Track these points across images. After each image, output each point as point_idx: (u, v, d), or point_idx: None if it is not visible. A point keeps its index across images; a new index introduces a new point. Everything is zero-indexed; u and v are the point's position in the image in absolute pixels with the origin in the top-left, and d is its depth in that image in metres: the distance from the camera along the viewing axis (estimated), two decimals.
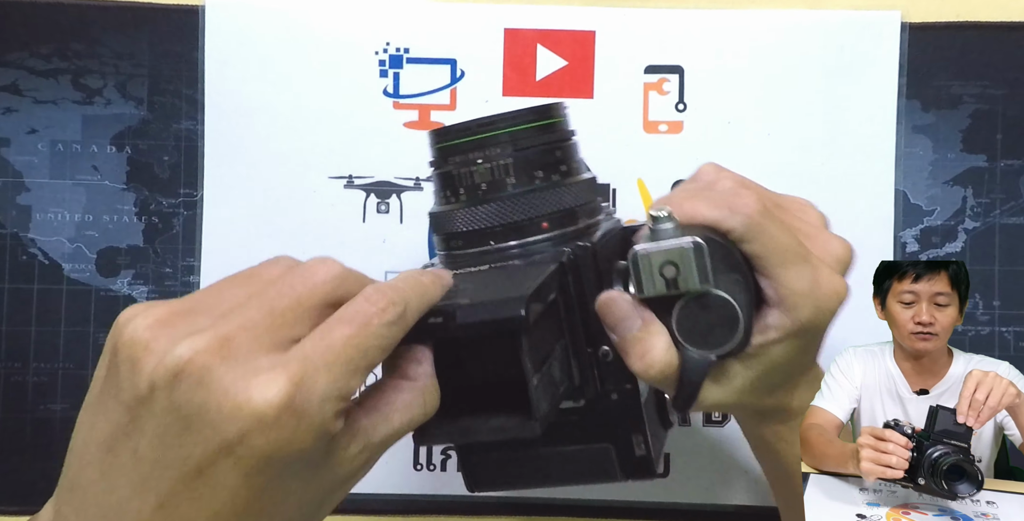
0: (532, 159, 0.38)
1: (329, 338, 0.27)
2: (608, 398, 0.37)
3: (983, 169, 0.56)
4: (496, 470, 0.40)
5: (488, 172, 0.37)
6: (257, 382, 0.25)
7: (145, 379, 0.26)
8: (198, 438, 0.25)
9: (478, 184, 0.37)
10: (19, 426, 0.55)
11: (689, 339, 0.35)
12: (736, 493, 0.56)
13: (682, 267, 0.33)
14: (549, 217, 0.38)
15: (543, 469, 0.39)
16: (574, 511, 0.56)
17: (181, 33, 0.56)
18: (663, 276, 0.34)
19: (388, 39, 0.56)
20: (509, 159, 0.37)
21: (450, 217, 0.38)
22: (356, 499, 0.56)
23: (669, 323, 0.35)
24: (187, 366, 0.25)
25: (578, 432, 0.38)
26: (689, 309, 0.34)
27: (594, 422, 0.38)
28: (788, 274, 0.35)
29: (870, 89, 0.56)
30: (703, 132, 0.56)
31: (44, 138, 0.56)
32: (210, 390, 0.25)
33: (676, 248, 0.33)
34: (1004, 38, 0.56)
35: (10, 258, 0.56)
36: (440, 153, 0.39)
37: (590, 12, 0.56)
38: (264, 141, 0.56)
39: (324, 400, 0.26)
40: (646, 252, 0.34)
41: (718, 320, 0.34)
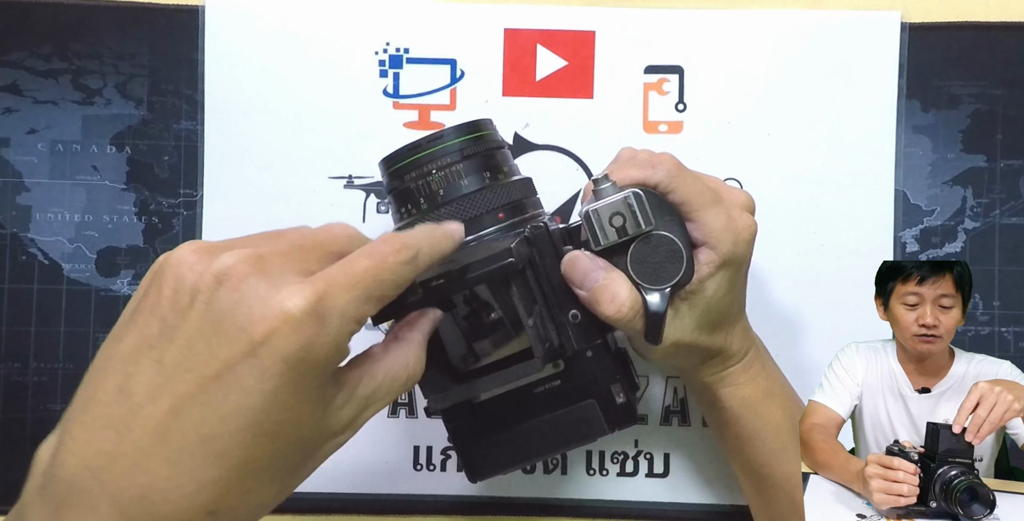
0: (478, 163, 0.43)
1: (350, 266, 0.30)
2: (584, 356, 0.43)
3: (983, 169, 0.56)
4: (493, 455, 0.44)
5: (443, 178, 0.43)
6: (287, 291, 0.29)
7: (188, 287, 0.29)
8: (225, 340, 0.28)
9: (436, 191, 0.43)
10: (19, 426, 0.55)
11: (645, 278, 0.41)
12: (736, 493, 0.56)
13: (627, 214, 0.41)
14: (503, 208, 0.43)
15: (536, 442, 0.44)
16: (574, 511, 0.56)
17: (181, 33, 0.56)
18: (613, 226, 0.41)
19: (388, 39, 0.56)
20: (460, 165, 0.43)
21: (415, 226, 0.41)
22: (356, 499, 0.56)
23: (626, 269, 0.41)
24: (229, 271, 0.29)
25: (562, 397, 0.43)
26: (640, 252, 0.41)
27: (575, 383, 0.43)
28: (707, 215, 0.42)
29: (870, 89, 0.56)
30: (703, 132, 0.56)
31: (44, 138, 0.56)
32: (244, 294, 0.28)
33: (620, 199, 0.41)
34: (1004, 38, 0.56)
35: (10, 258, 0.56)
36: (397, 173, 0.44)
37: (590, 12, 0.56)
38: (264, 141, 0.56)
39: (343, 315, 0.29)
40: (595, 209, 0.41)
41: (665, 257, 0.41)
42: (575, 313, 0.43)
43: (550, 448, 0.44)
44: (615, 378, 0.43)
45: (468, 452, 0.44)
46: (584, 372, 0.43)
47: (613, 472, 0.56)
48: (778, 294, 0.53)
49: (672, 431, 0.56)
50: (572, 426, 0.44)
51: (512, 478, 0.56)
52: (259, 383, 0.28)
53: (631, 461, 0.56)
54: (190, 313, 0.29)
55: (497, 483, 0.56)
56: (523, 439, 0.44)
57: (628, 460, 0.56)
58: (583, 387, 0.43)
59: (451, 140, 0.43)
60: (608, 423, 0.44)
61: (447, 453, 0.56)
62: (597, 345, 0.43)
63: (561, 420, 0.44)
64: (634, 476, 0.56)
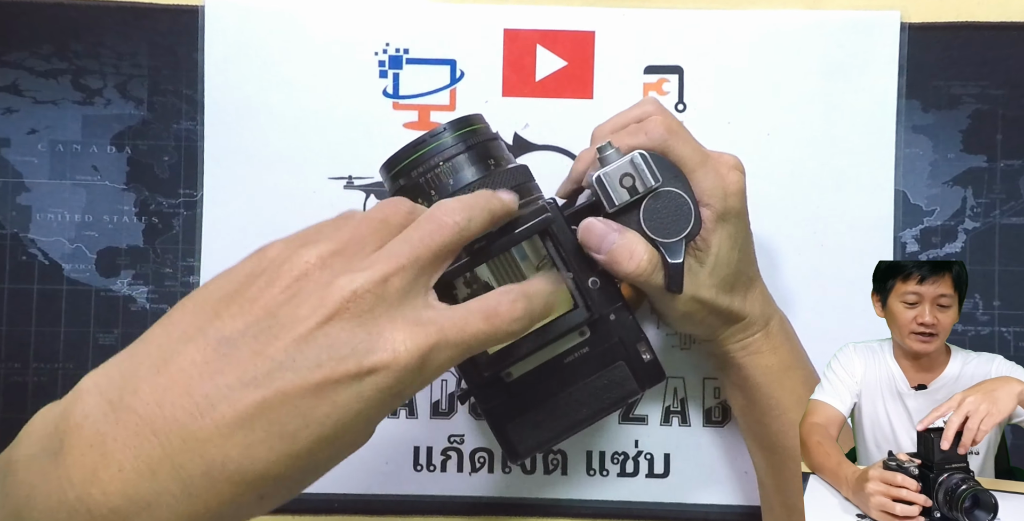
0: (480, 152, 0.45)
1: (465, 323, 0.33)
2: (607, 320, 0.45)
3: (983, 169, 0.56)
4: (531, 432, 0.46)
5: (451, 169, 0.44)
6: (404, 333, 0.31)
7: (310, 297, 0.30)
8: (336, 358, 0.30)
9: (446, 182, 0.44)
10: (19, 426, 0.55)
11: (659, 232, 0.44)
12: (736, 493, 0.56)
13: (636, 174, 0.44)
14: (512, 190, 0.44)
15: (572, 412, 0.46)
16: (574, 511, 0.56)
17: (181, 33, 0.56)
18: (624, 187, 0.44)
19: (388, 39, 0.56)
20: (464, 155, 0.45)
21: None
22: (356, 499, 0.56)
23: (639, 227, 0.44)
24: (355, 298, 0.31)
25: (592, 362, 0.46)
26: (651, 208, 0.44)
27: (602, 347, 0.46)
28: (697, 175, 0.45)
29: (870, 89, 0.56)
30: (703, 132, 0.56)
31: (44, 138, 0.56)
32: (367, 328, 0.30)
33: (627, 161, 0.44)
34: (1004, 38, 0.56)
35: (10, 258, 0.56)
36: (403, 171, 0.45)
37: (590, 12, 0.56)
38: (264, 141, 0.56)
39: (440, 368, 0.32)
40: (606, 173, 0.44)
41: (675, 210, 0.44)
42: (594, 279, 0.45)
43: (586, 416, 0.46)
44: (640, 336, 0.46)
45: (506, 433, 0.46)
46: (609, 334, 0.45)
47: (613, 472, 0.56)
48: (778, 294, 0.53)
49: (672, 431, 0.56)
50: (605, 390, 0.46)
51: (512, 478, 0.56)
52: (352, 404, 0.30)
53: (631, 461, 0.56)
54: (308, 321, 0.30)
55: (497, 483, 0.56)
56: (559, 411, 0.46)
57: (628, 460, 0.56)
58: (611, 350, 0.46)
59: (452, 133, 0.45)
60: (639, 382, 0.46)
61: (447, 453, 0.56)
62: (619, 307, 0.45)
63: (594, 386, 0.46)
64: (634, 476, 0.56)
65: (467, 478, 0.56)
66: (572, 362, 0.46)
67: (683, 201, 0.44)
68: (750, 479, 0.56)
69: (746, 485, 0.56)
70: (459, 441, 0.56)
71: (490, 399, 0.46)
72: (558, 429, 0.46)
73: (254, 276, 0.32)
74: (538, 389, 0.46)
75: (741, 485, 0.56)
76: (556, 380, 0.46)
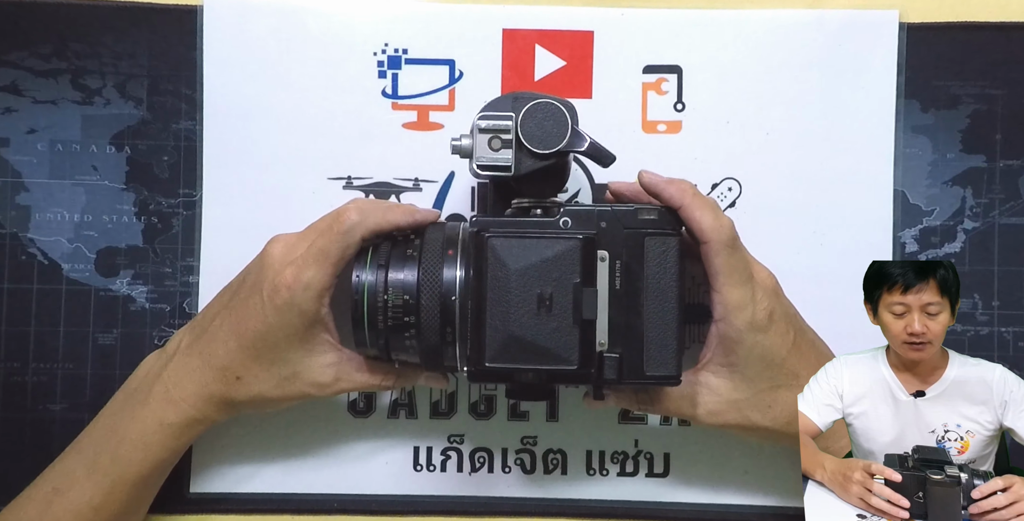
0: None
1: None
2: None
3: (982, 169, 0.56)
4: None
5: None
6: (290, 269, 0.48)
7: (265, 274, 0.48)
8: (256, 291, 0.48)
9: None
10: (19, 426, 0.55)
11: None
12: (736, 493, 0.56)
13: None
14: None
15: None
16: (574, 511, 0.56)
17: (180, 33, 0.56)
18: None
19: (387, 40, 0.56)
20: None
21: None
22: (356, 499, 0.56)
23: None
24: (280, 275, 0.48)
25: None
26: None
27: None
28: (695, 215, 0.47)
29: (869, 89, 0.56)
30: (702, 132, 0.56)
31: (44, 138, 0.56)
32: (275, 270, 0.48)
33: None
34: (1004, 38, 0.56)
35: (10, 258, 0.56)
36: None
37: (588, 12, 0.56)
38: (263, 141, 0.56)
39: (307, 286, 0.47)
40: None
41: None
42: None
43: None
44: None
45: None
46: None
47: (613, 472, 0.56)
48: None
49: (672, 431, 0.56)
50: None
51: (512, 478, 0.56)
52: (263, 313, 0.47)
53: (631, 461, 0.56)
54: (248, 277, 0.49)
55: (497, 483, 0.56)
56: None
57: (628, 460, 0.56)
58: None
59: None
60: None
61: (447, 453, 0.56)
62: None
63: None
64: (634, 476, 0.56)
65: (467, 478, 0.56)
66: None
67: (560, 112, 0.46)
68: (750, 479, 0.56)
69: (746, 485, 0.56)
70: (459, 441, 0.56)
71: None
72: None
73: (254, 267, 0.50)
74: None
75: (741, 485, 0.56)
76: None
